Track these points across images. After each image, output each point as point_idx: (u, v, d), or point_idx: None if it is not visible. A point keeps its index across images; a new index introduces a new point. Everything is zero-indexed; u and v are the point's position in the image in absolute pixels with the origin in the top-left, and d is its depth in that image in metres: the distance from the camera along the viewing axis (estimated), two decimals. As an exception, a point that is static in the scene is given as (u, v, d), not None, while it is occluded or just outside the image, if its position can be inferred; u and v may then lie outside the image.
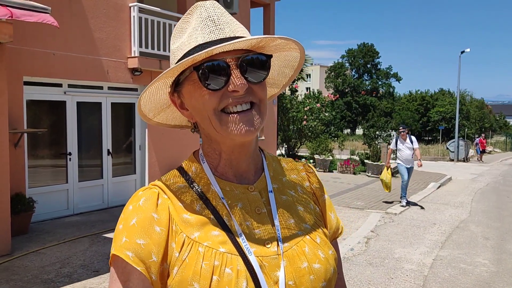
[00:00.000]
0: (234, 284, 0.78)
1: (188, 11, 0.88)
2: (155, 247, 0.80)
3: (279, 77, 1.01)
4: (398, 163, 9.70)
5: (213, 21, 0.84)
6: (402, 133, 9.54)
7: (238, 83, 0.80)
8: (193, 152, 0.96)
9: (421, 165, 9.66)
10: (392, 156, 10.46)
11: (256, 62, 0.83)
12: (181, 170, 0.92)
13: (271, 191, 0.92)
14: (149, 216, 0.82)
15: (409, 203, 9.86)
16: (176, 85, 0.89)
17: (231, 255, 0.81)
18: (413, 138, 9.61)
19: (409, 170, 9.62)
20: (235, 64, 0.81)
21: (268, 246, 0.84)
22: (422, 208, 9.61)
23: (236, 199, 0.88)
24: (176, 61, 0.87)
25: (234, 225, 0.85)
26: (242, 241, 0.83)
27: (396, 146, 9.61)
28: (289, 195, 0.95)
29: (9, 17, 4.09)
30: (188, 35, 0.86)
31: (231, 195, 0.88)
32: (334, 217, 1.02)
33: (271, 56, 0.85)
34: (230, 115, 0.82)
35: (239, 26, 0.87)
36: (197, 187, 0.89)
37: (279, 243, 0.85)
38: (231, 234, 0.83)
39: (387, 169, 9.35)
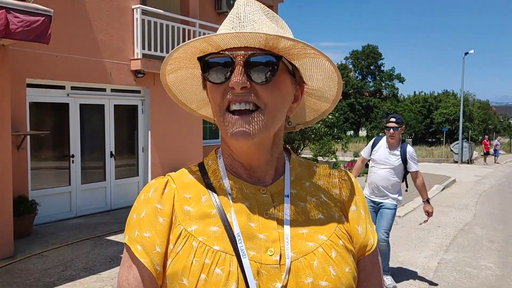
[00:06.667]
0: (222, 286, 0.74)
1: None
2: (159, 238, 0.80)
3: (326, 90, 0.93)
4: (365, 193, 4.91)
5: (239, 18, 0.82)
6: (390, 130, 4.69)
7: (234, 79, 0.76)
8: (214, 149, 0.95)
9: (428, 218, 4.87)
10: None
11: (262, 61, 0.78)
12: (200, 164, 0.93)
13: (288, 196, 0.86)
14: (153, 207, 0.83)
15: None
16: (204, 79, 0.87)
17: (226, 254, 0.77)
18: (410, 149, 4.76)
19: (381, 209, 4.76)
20: (242, 61, 0.77)
21: (270, 253, 0.78)
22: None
23: (244, 197, 0.84)
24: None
25: (233, 223, 0.80)
26: (239, 241, 0.78)
27: (371, 155, 4.92)
28: (309, 202, 0.87)
29: (4, 34, 4.10)
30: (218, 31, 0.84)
31: (240, 193, 0.84)
32: (362, 232, 0.89)
33: (280, 57, 0.80)
34: (230, 115, 0.78)
35: (268, 27, 0.82)
36: (208, 180, 0.87)
37: (286, 252, 0.78)
38: (230, 232, 0.79)
39: None
